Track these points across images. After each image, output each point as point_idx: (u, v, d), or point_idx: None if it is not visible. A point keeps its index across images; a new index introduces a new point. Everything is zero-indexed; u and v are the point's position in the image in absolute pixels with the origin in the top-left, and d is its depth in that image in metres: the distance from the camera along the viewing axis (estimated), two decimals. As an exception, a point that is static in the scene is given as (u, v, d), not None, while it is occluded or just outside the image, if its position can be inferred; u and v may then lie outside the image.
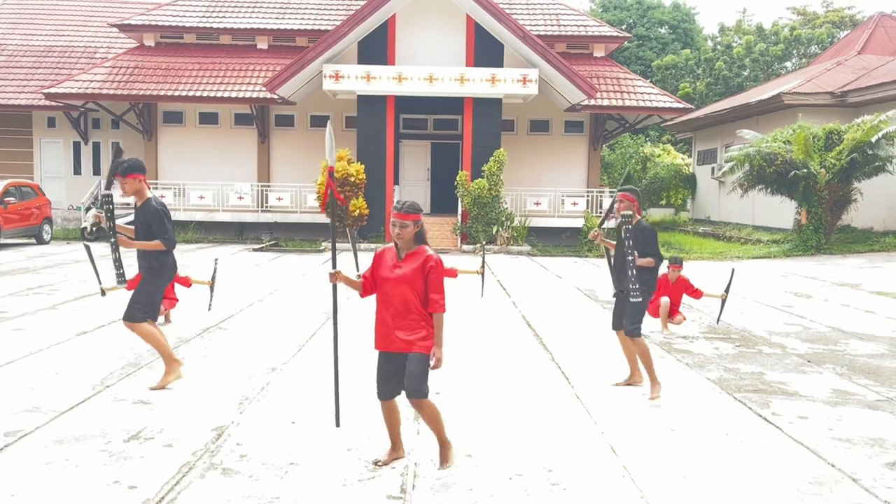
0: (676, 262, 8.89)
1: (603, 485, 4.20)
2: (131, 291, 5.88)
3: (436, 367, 4.19)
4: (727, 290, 9.09)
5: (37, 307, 9.75)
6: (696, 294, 8.93)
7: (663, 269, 7.15)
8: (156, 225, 5.64)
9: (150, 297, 5.80)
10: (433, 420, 4.30)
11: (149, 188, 5.85)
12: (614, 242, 6.23)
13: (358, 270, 4.29)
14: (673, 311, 8.88)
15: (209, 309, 9.30)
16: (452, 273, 8.49)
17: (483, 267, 9.96)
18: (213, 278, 9.11)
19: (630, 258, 5.73)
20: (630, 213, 5.84)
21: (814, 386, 6.47)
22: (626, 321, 6.05)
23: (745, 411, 5.68)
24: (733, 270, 9.75)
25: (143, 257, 5.76)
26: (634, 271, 5.75)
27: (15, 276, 12.85)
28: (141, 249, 5.73)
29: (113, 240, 5.50)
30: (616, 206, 5.97)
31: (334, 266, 4.37)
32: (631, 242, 5.75)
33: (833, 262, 17.35)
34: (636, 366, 6.29)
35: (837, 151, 18.51)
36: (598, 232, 6.13)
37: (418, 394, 4.17)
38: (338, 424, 4.68)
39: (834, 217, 19.40)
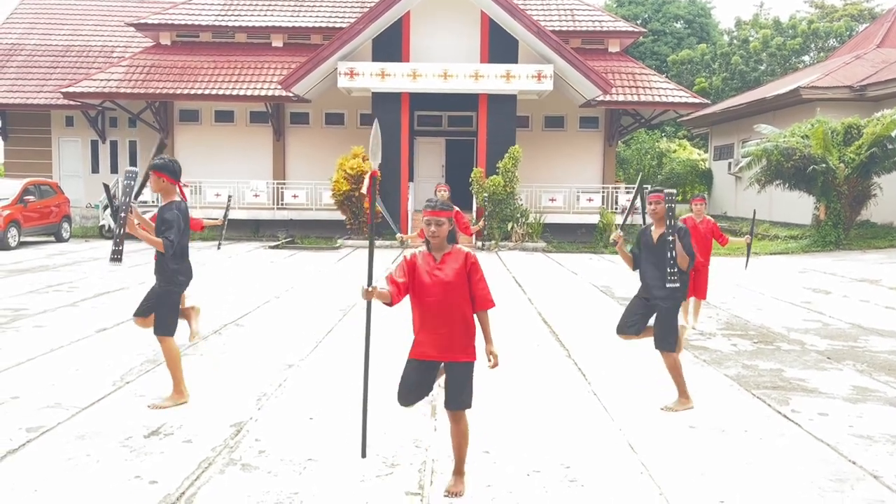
0: (699, 196, 8.66)
1: (621, 482, 4.18)
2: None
3: (494, 365, 3.91)
4: (751, 234, 9.25)
5: (57, 304, 9.85)
6: (724, 240, 8.75)
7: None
8: (166, 224, 5.40)
9: (170, 309, 5.60)
10: (465, 436, 4.01)
11: (181, 195, 5.61)
12: (630, 255, 5.86)
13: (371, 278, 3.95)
14: (701, 283, 8.42)
15: (219, 248, 10.70)
16: (468, 231, 8.33)
17: (483, 220, 9.71)
18: (225, 216, 9.48)
19: (674, 253, 5.46)
20: (672, 206, 5.53)
21: (834, 383, 6.41)
22: (664, 335, 5.59)
23: (764, 408, 5.64)
24: (755, 211, 9.79)
25: (158, 269, 5.55)
26: (675, 268, 5.48)
27: (35, 274, 13.00)
28: (157, 260, 5.56)
29: (123, 215, 5.19)
30: (648, 207, 5.71)
31: (370, 283, 3.86)
32: (675, 238, 5.50)
33: (852, 258, 17.18)
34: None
35: (857, 146, 18.30)
36: (620, 235, 5.67)
37: (463, 404, 3.94)
38: (363, 455, 4.31)
39: (853, 212, 19.20)
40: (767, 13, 48.53)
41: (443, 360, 3.96)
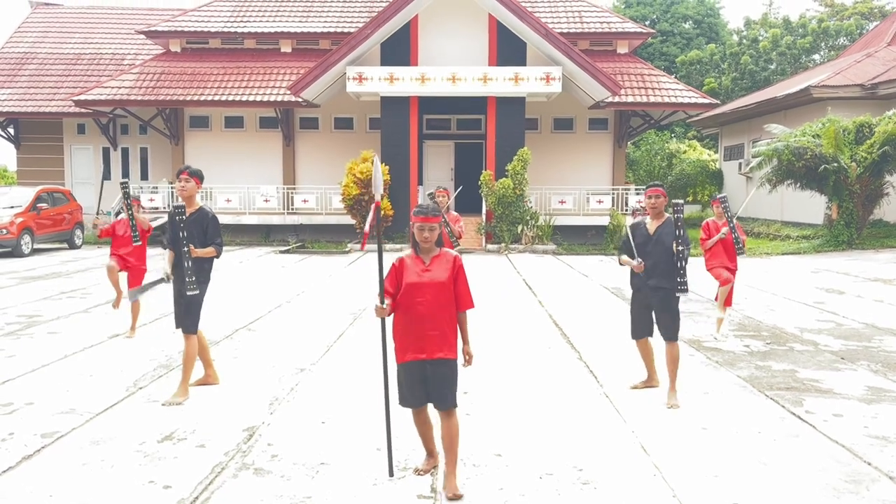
0: (719, 197, 7.97)
1: (634, 484, 4.17)
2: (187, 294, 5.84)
3: (468, 364, 4.14)
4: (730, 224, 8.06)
5: (70, 311, 9.92)
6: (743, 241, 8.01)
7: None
8: (212, 231, 5.83)
9: (199, 306, 5.86)
10: (457, 434, 4.09)
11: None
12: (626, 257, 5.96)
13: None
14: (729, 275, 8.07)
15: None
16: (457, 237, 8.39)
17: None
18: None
19: (682, 248, 5.54)
20: (682, 201, 5.72)
21: (848, 383, 6.36)
22: (670, 325, 5.73)
23: (778, 409, 5.60)
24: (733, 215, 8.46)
25: (194, 270, 5.73)
26: (685, 262, 5.57)
27: (48, 281, 13.10)
28: (191, 263, 5.73)
29: (185, 249, 5.63)
30: (648, 201, 5.77)
31: (382, 301, 4.11)
32: (682, 232, 5.56)
33: (865, 258, 17.05)
34: (654, 368, 6.18)
35: (868, 145, 18.18)
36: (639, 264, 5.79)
37: (453, 403, 4.07)
38: (391, 474, 4.29)
39: (865, 211, 19.06)
40: (777, 12, 48.26)
41: (430, 359, 4.05)
